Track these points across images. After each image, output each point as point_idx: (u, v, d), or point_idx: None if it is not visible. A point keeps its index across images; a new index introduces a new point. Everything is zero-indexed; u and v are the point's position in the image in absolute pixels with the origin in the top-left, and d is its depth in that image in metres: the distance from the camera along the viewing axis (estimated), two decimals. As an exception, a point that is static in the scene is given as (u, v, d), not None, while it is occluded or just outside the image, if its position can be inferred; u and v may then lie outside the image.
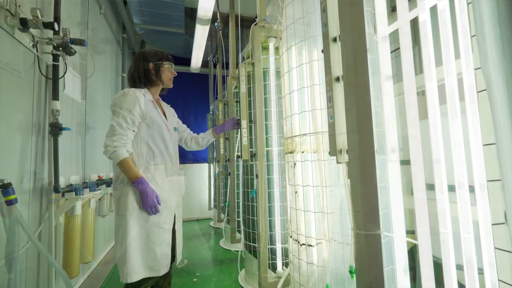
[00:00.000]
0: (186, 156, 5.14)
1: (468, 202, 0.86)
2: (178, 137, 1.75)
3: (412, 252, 1.66)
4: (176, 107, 1.71)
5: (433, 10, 1.02)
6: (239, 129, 2.06)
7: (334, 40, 0.83)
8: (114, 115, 1.35)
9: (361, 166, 0.69)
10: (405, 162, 1.05)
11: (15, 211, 1.29)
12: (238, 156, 2.64)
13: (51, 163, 1.73)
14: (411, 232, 1.04)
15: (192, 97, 5.24)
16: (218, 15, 3.46)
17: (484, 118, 0.77)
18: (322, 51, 0.88)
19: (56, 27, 1.58)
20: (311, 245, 1.10)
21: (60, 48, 1.70)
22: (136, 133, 1.38)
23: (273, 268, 1.87)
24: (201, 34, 3.54)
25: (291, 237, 1.24)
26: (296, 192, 1.20)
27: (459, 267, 0.88)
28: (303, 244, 1.13)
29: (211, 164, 4.64)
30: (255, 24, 1.84)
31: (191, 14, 4.21)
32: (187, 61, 4.64)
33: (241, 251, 2.38)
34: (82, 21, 2.48)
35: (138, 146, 1.38)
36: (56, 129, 1.73)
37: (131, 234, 1.29)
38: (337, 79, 0.81)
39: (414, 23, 1.06)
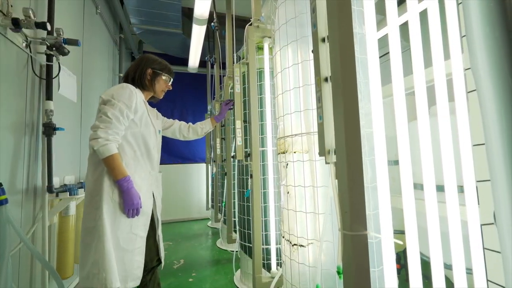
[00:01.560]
0: (185, 156, 5.15)
1: (457, 202, 0.86)
2: (170, 130, 1.73)
3: (406, 252, 1.66)
4: (174, 107, 1.70)
5: (424, 11, 1.01)
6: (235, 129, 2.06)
7: (323, 40, 0.83)
8: (109, 105, 1.24)
9: (348, 167, 0.69)
10: (394, 163, 1.05)
11: (6, 212, 1.29)
12: (233, 157, 2.64)
13: (44, 163, 1.72)
14: (402, 232, 1.04)
15: (190, 97, 5.25)
16: (214, 15, 3.46)
17: (473, 119, 0.76)
18: (312, 52, 0.88)
19: (49, 27, 1.57)
20: (302, 246, 1.10)
21: (54, 48, 1.69)
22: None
23: (268, 268, 1.86)
24: (198, 34, 3.54)
25: (283, 237, 1.24)
26: (288, 193, 1.19)
27: (448, 267, 0.88)
28: (294, 244, 1.13)
29: (209, 164, 4.65)
30: (250, 24, 1.84)
31: (188, 14, 4.21)
32: (184, 61, 4.65)
33: (237, 251, 2.37)
34: (78, 21, 2.47)
35: (121, 143, 1.28)
36: (49, 129, 1.72)
37: (109, 238, 1.19)
38: (326, 79, 0.81)
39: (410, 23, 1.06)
